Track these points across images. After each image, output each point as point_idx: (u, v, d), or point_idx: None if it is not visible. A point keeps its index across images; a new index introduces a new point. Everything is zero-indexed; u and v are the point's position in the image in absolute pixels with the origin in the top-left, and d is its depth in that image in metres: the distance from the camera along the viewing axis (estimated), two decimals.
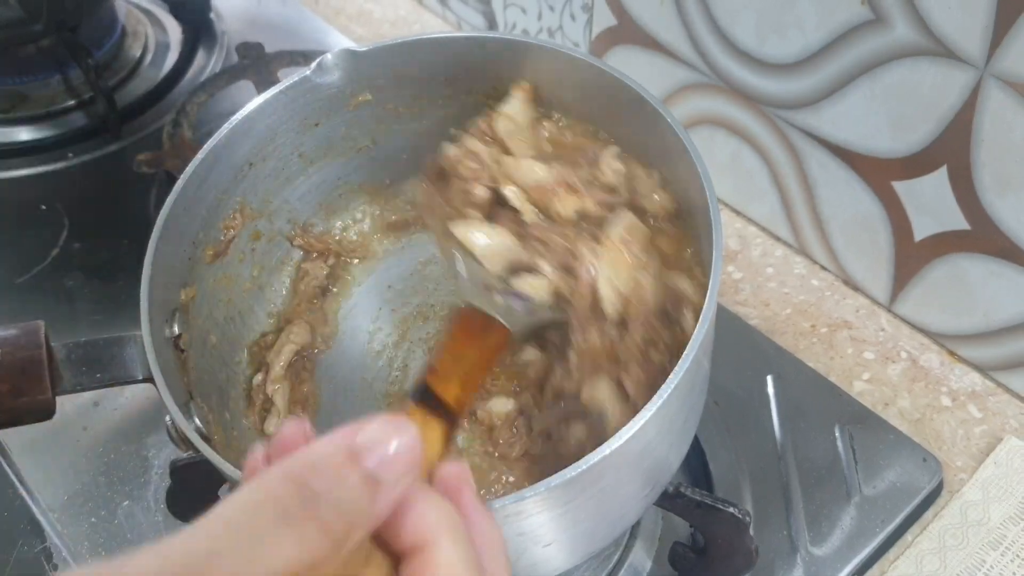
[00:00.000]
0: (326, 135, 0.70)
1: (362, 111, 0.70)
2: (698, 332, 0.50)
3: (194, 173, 0.62)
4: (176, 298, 0.61)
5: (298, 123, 0.68)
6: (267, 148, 0.68)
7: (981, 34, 0.67)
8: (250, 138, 0.66)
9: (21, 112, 1.05)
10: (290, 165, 0.70)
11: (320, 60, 0.66)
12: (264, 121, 0.66)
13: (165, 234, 0.59)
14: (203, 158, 0.62)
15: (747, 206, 0.94)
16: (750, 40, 0.83)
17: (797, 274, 0.91)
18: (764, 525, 0.72)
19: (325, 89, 0.67)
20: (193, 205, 0.63)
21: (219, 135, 0.63)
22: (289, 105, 0.67)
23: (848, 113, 0.79)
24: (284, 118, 0.67)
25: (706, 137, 0.92)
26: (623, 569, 0.70)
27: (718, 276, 0.53)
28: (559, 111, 0.68)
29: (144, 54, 1.13)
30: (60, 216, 0.97)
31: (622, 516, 0.58)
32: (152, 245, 0.58)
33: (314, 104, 0.68)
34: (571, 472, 0.46)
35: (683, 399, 0.54)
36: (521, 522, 0.49)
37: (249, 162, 0.67)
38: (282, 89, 0.66)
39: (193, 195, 0.62)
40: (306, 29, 1.17)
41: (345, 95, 0.68)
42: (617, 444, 0.47)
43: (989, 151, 0.71)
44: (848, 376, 0.82)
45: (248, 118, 0.65)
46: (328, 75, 0.67)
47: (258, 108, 0.65)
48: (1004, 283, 0.76)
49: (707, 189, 0.56)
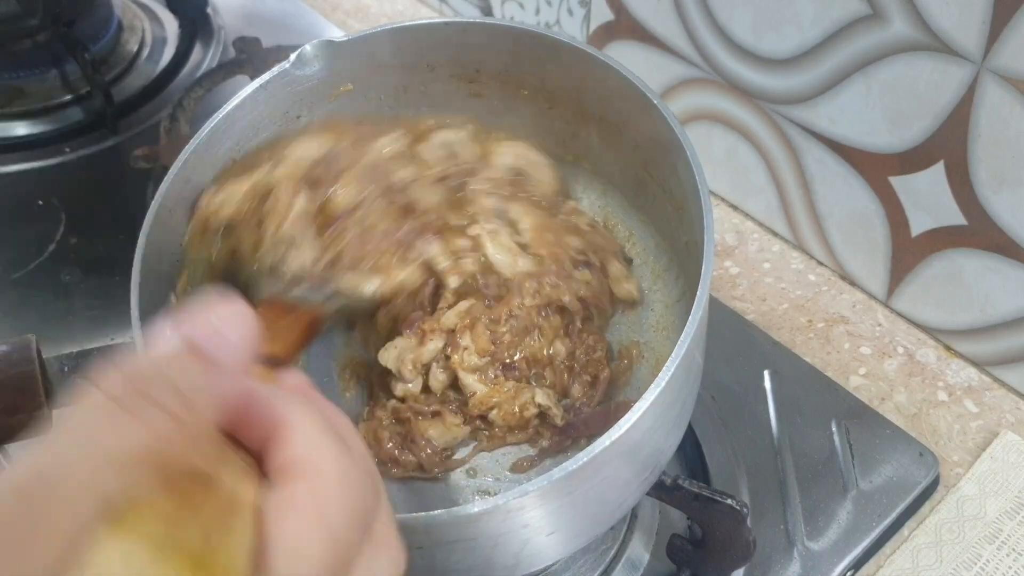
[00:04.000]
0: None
1: (343, 101, 0.69)
2: (691, 323, 0.51)
3: (177, 175, 0.61)
4: (168, 297, 0.60)
5: (279, 116, 0.67)
6: (250, 143, 0.67)
7: (978, 29, 0.67)
8: (232, 135, 0.65)
9: (17, 107, 1.05)
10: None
11: (299, 51, 0.65)
12: (246, 117, 0.65)
13: (151, 239, 0.58)
14: (186, 159, 0.62)
15: (744, 201, 0.94)
16: (747, 35, 0.83)
17: (794, 269, 0.91)
18: (761, 520, 0.72)
19: (305, 81, 0.67)
20: (177, 206, 0.62)
21: (199, 137, 0.63)
22: (269, 100, 0.66)
23: (845, 108, 0.79)
24: (265, 112, 0.66)
25: (703, 133, 0.92)
26: (621, 562, 0.70)
27: (710, 265, 0.53)
28: (544, 99, 0.68)
29: (141, 49, 1.13)
30: (57, 211, 0.96)
31: (621, 503, 0.59)
32: (139, 251, 0.57)
33: (295, 96, 0.67)
34: (573, 465, 0.47)
35: (677, 390, 0.54)
36: (525, 514, 0.49)
37: (232, 158, 0.66)
38: (262, 84, 0.65)
39: (178, 195, 0.62)
40: (303, 24, 1.17)
41: (326, 86, 0.68)
42: (617, 435, 0.48)
43: (986, 147, 0.71)
44: (844, 371, 0.83)
45: (229, 116, 0.64)
46: (308, 66, 0.66)
47: (238, 105, 0.64)
48: (1000, 278, 0.76)
49: (697, 177, 0.56)
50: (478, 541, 0.50)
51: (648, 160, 0.65)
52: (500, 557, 0.53)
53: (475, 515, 0.47)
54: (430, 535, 0.49)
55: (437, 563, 0.52)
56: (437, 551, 0.50)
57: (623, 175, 0.70)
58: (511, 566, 0.55)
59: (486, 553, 0.51)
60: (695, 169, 0.56)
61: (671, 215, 0.65)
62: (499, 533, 0.50)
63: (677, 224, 0.65)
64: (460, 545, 0.50)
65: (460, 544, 0.50)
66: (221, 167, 0.65)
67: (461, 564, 0.52)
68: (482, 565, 0.53)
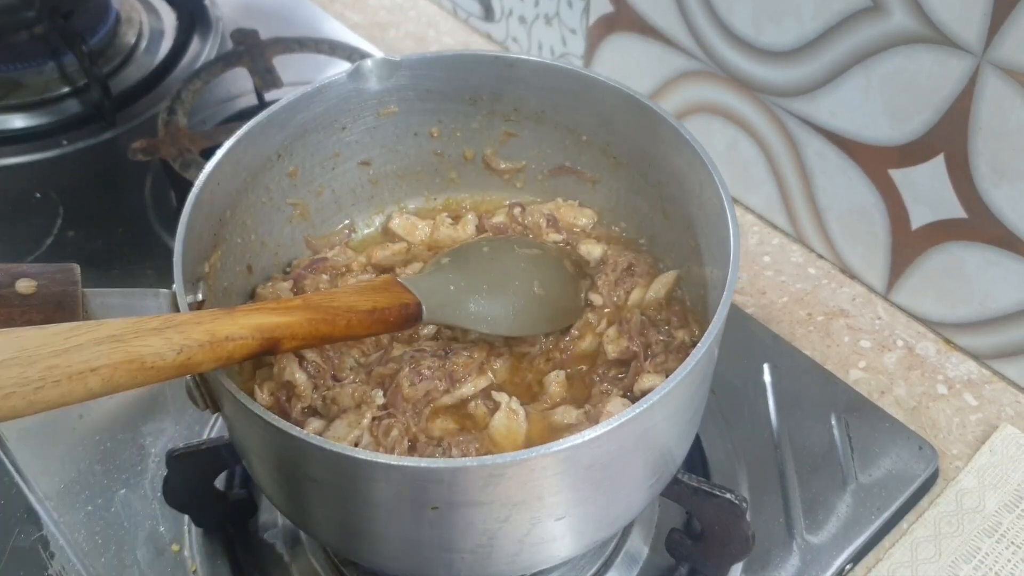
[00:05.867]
0: (348, 140, 0.72)
1: (385, 122, 0.72)
2: (718, 316, 0.53)
3: (230, 152, 0.62)
4: (201, 269, 0.61)
5: (328, 123, 0.69)
6: (296, 142, 0.68)
7: (979, 21, 0.67)
8: (285, 128, 0.67)
9: (15, 99, 1.05)
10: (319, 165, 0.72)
11: (357, 65, 0.67)
12: (299, 114, 0.67)
13: (197, 205, 0.59)
14: (240, 137, 0.63)
15: (744, 195, 0.94)
16: (747, 27, 0.83)
17: (794, 262, 0.91)
18: (760, 513, 0.72)
19: (357, 95, 0.69)
20: (224, 182, 0.63)
21: (256, 120, 0.64)
22: (323, 104, 0.68)
23: (845, 101, 0.79)
24: (318, 114, 0.68)
25: (703, 126, 0.92)
26: (620, 556, 0.70)
27: (736, 267, 0.55)
28: (582, 130, 0.72)
29: (139, 41, 1.13)
30: (54, 204, 0.96)
31: (628, 506, 0.59)
32: (185, 216, 0.58)
33: (345, 107, 0.69)
34: (592, 433, 0.48)
35: (696, 386, 0.56)
36: (544, 482, 0.50)
37: (278, 153, 0.68)
38: (319, 87, 0.67)
39: (229, 172, 0.63)
40: (301, 15, 1.17)
41: (374, 103, 0.70)
42: (638, 411, 0.49)
43: (986, 139, 0.71)
44: (844, 364, 0.82)
45: (288, 107, 0.66)
46: (363, 81, 0.68)
47: (297, 99, 0.66)
48: (1000, 272, 0.76)
49: (721, 188, 0.59)
50: (492, 507, 0.50)
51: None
52: (506, 537, 0.53)
53: (501, 465, 0.48)
54: (453, 488, 0.49)
55: (445, 532, 0.52)
56: (451, 515, 0.51)
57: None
58: (512, 554, 0.55)
59: (495, 527, 0.52)
60: (718, 179, 0.60)
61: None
62: (514, 502, 0.50)
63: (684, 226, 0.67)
64: (473, 511, 0.51)
65: (474, 509, 0.50)
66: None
67: (469, 534, 0.53)
68: (487, 544, 0.53)
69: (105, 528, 0.72)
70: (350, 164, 0.73)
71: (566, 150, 0.74)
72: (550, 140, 0.73)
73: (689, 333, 0.66)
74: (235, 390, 0.51)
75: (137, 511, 0.73)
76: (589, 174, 0.74)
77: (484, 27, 1.14)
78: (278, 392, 0.63)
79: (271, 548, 0.71)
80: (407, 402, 0.61)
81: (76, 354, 0.42)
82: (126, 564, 0.70)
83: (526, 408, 0.62)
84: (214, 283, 0.63)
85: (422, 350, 0.64)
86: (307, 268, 0.71)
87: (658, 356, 0.64)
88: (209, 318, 0.48)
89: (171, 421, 0.78)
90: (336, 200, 0.75)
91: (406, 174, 0.76)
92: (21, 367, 0.41)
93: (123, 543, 0.71)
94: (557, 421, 0.62)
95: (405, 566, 0.58)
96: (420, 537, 0.54)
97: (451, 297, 0.62)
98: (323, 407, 0.62)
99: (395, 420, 0.60)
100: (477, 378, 0.63)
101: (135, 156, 0.93)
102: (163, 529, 0.72)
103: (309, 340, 0.52)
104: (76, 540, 0.71)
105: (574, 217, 0.75)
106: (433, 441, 0.60)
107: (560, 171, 0.75)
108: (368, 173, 0.75)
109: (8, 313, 0.52)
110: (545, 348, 0.67)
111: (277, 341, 0.50)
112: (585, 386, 0.65)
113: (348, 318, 0.54)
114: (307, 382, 0.62)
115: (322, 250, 0.74)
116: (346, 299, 0.55)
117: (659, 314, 0.68)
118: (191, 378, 0.55)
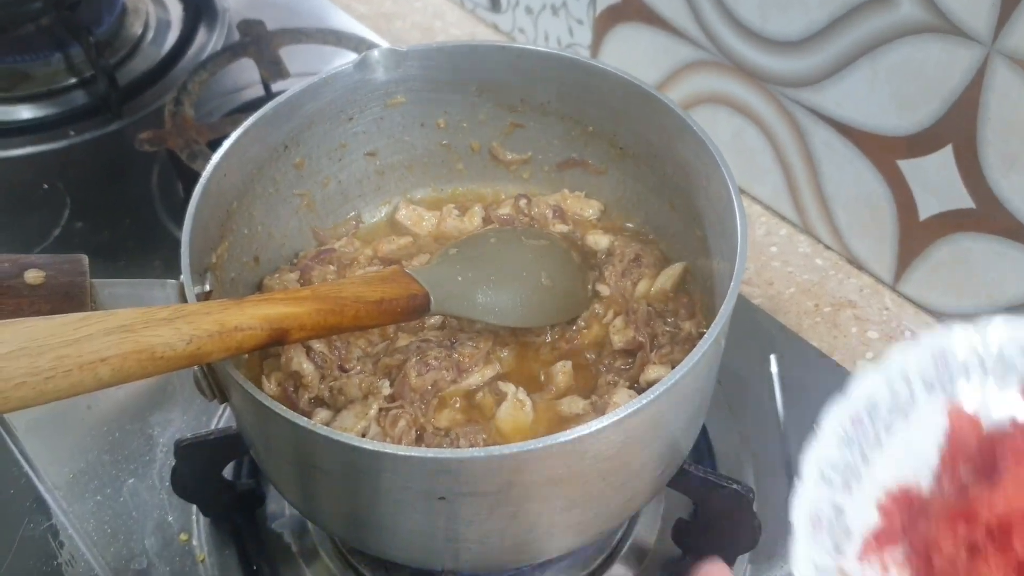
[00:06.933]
0: (354, 131, 0.72)
1: (393, 112, 0.72)
2: (721, 314, 0.53)
3: (237, 142, 0.62)
4: (208, 259, 0.61)
5: (335, 113, 0.69)
6: (303, 133, 0.68)
7: (988, 10, 0.66)
8: (291, 119, 0.67)
9: (22, 91, 1.05)
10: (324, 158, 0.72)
11: (364, 56, 0.67)
12: (305, 106, 0.67)
13: (205, 196, 0.59)
14: (247, 128, 0.63)
15: (751, 185, 0.94)
16: (754, 17, 0.82)
17: (801, 253, 0.91)
18: (767, 504, 0.72)
19: (364, 85, 0.69)
20: (232, 171, 0.63)
21: (262, 111, 0.64)
22: (330, 95, 0.68)
23: (853, 91, 0.79)
24: (324, 105, 0.68)
25: (709, 116, 0.92)
26: (626, 546, 0.70)
27: (744, 257, 0.55)
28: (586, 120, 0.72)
29: (145, 32, 1.13)
30: (62, 195, 0.96)
31: (634, 497, 0.59)
32: (193, 204, 0.58)
33: (352, 97, 0.69)
34: (602, 423, 0.48)
35: (703, 377, 0.56)
36: (551, 472, 0.50)
37: (285, 144, 0.68)
38: (326, 78, 0.67)
39: (236, 161, 0.63)
40: (307, 6, 1.17)
41: (382, 93, 0.70)
42: (646, 400, 0.49)
43: (995, 129, 0.71)
44: (852, 355, 0.82)
45: (293, 98, 0.66)
46: (370, 71, 0.68)
47: (303, 90, 0.66)
48: (1008, 263, 0.76)
49: (728, 179, 0.59)
50: (499, 498, 0.51)
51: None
52: (512, 527, 0.53)
53: (509, 455, 0.48)
54: (460, 478, 0.49)
55: (452, 522, 0.53)
56: (458, 505, 0.51)
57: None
58: (519, 544, 0.55)
59: (502, 517, 0.52)
60: (725, 171, 0.60)
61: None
62: (521, 493, 0.51)
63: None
64: (480, 501, 0.51)
65: (481, 499, 0.51)
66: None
67: (476, 524, 0.53)
68: (494, 534, 0.54)
69: (114, 518, 0.72)
70: (357, 155, 0.73)
71: (572, 141, 0.74)
72: (557, 131, 0.73)
73: (696, 324, 0.66)
74: (243, 380, 0.51)
75: (145, 501, 0.73)
76: (596, 165, 0.74)
77: (491, 17, 1.14)
78: (285, 382, 0.63)
79: (279, 537, 0.71)
80: (414, 392, 0.61)
81: (86, 344, 0.42)
82: (135, 553, 0.70)
83: (532, 398, 0.63)
84: (221, 274, 0.63)
85: (428, 340, 0.64)
86: (314, 259, 0.71)
87: (664, 347, 0.64)
88: (218, 308, 0.48)
89: (179, 411, 0.78)
90: (343, 191, 0.75)
91: (413, 165, 0.76)
92: (31, 357, 0.41)
93: (132, 532, 0.71)
94: (564, 411, 0.62)
95: (412, 556, 0.58)
96: (427, 527, 0.54)
97: (459, 288, 0.62)
98: (330, 397, 0.62)
99: (402, 410, 0.60)
100: (484, 368, 0.63)
101: (142, 147, 0.93)
102: (171, 518, 0.72)
103: (317, 331, 0.53)
104: (85, 529, 0.72)
105: (580, 208, 0.75)
106: (440, 432, 0.60)
107: (567, 162, 0.75)
108: (375, 164, 0.75)
109: (17, 304, 0.52)
110: (551, 338, 0.67)
111: (286, 331, 0.50)
112: (591, 376, 0.65)
113: (356, 308, 0.54)
114: (314, 372, 0.63)
115: (329, 241, 0.74)
116: (354, 290, 0.55)
117: (666, 305, 0.68)
118: (199, 368, 0.55)
